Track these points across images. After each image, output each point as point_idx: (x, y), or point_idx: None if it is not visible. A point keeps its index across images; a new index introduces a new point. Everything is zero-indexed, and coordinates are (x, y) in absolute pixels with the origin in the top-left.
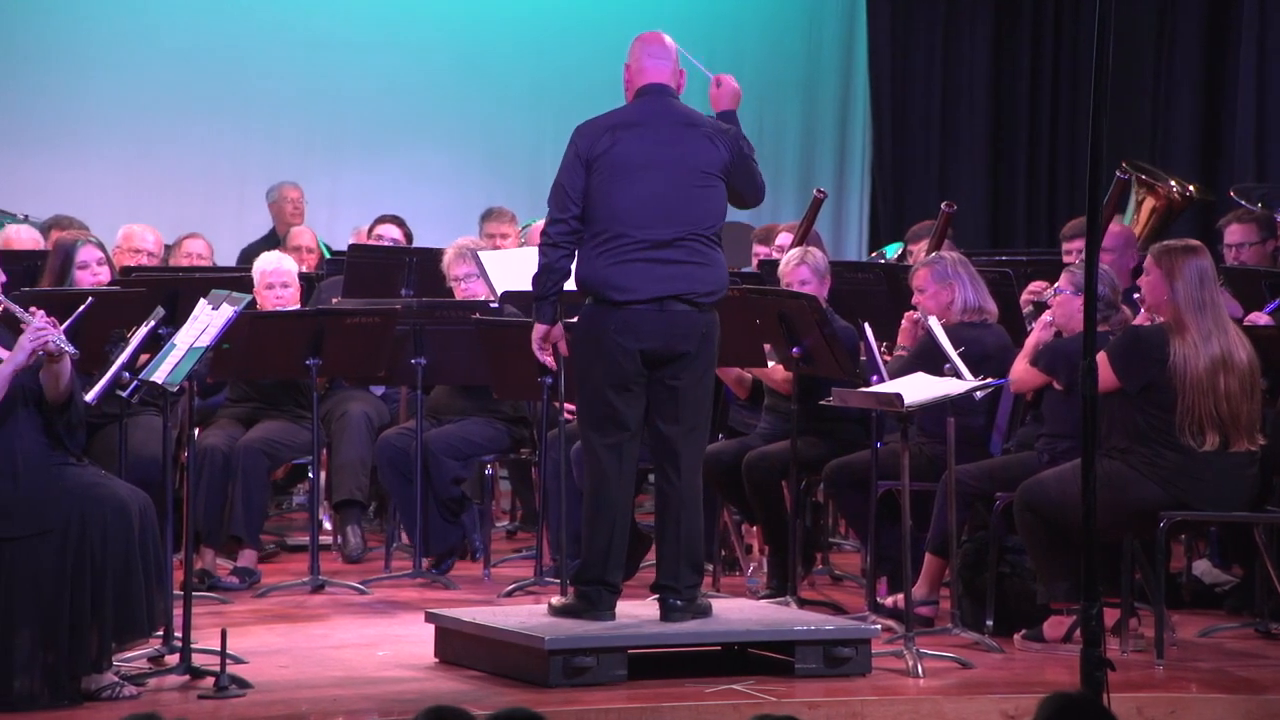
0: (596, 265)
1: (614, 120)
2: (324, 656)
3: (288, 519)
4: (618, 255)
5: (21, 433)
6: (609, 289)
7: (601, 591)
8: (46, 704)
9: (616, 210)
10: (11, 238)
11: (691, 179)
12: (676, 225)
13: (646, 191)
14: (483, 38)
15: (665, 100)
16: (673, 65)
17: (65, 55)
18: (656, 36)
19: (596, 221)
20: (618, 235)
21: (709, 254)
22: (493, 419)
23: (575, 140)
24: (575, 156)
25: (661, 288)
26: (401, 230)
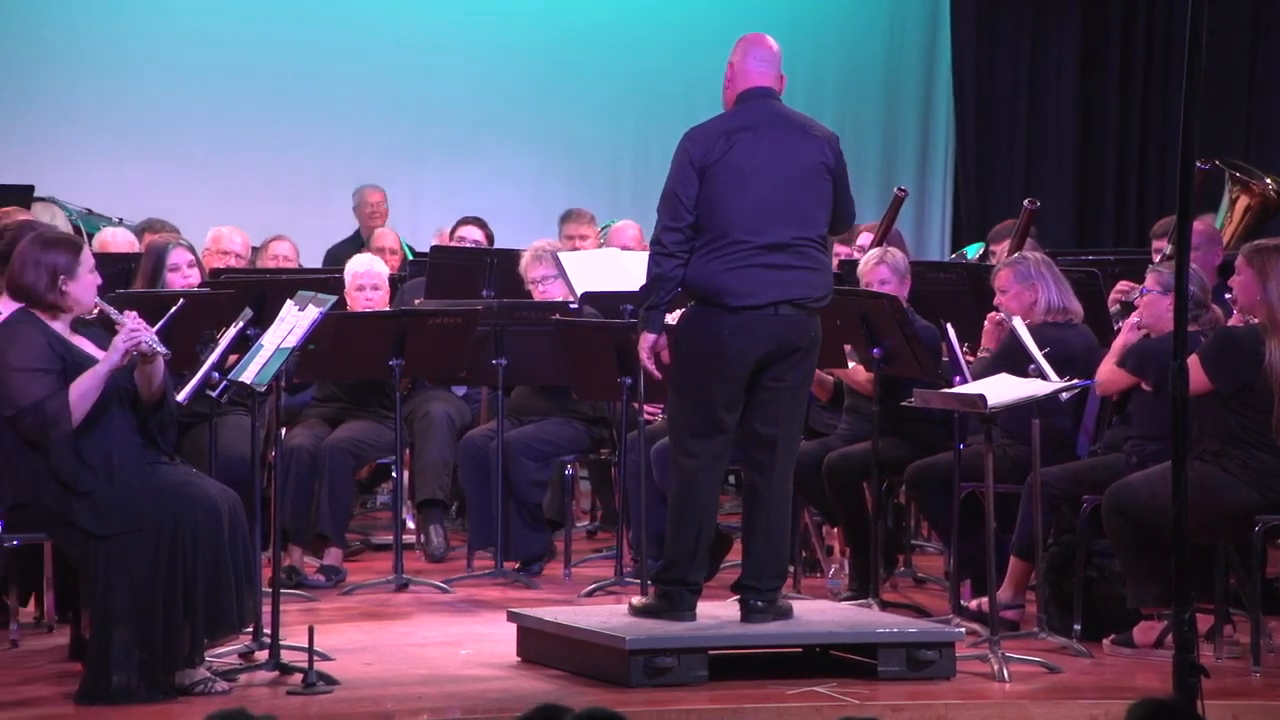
0: (709, 270)
1: (726, 125)
2: (408, 654)
3: (372, 518)
4: (732, 260)
5: (116, 432)
6: (724, 294)
7: (683, 591)
8: (143, 698)
9: (731, 215)
10: (107, 240)
11: (803, 183)
12: (790, 229)
13: (761, 196)
14: (564, 40)
15: (773, 104)
16: (776, 68)
17: (159, 63)
18: (760, 38)
19: (710, 227)
20: (733, 240)
21: (819, 258)
22: (572, 419)
23: (687, 147)
24: (688, 163)
25: (775, 293)
26: (483, 231)
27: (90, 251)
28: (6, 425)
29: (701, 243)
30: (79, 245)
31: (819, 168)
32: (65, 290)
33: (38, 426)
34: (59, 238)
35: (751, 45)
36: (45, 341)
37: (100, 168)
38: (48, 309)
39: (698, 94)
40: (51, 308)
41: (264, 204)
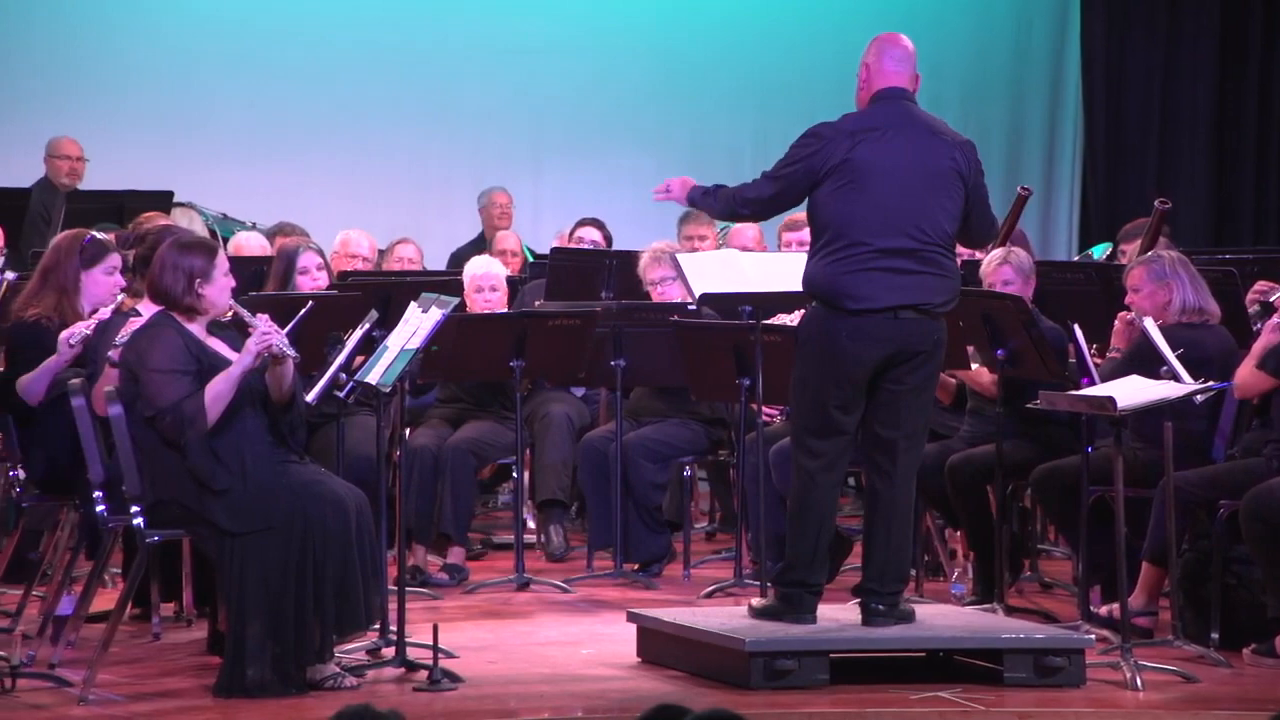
0: (830, 272)
1: (854, 125)
2: (530, 653)
3: (493, 517)
4: (853, 263)
5: (249, 432)
6: (843, 297)
7: (803, 594)
8: (276, 691)
9: (853, 217)
10: (241, 244)
11: (932, 187)
12: (915, 234)
13: (885, 199)
14: (684, 40)
15: (906, 105)
16: (912, 68)
17: (291, 71)
18: (895, 38)
19: (829, 228)
20: (854, 243)
21: (945, 263)
22: (691, 420)
23: (808, 141)
24: (803, 157)
25: (897, 297)
26: (602, 233)
27: (224, 255)
28: (146, 425)
29: (821, 244)
30: (214, 249)
31: (949, 173)
32: (201, 293)
33: (175, 427)
34: (195, 242)
35: (887, 45)
36: (183, 344)
37: (235, 173)
38: (185, 311)
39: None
40: (188, 310)
41: (390, 207)
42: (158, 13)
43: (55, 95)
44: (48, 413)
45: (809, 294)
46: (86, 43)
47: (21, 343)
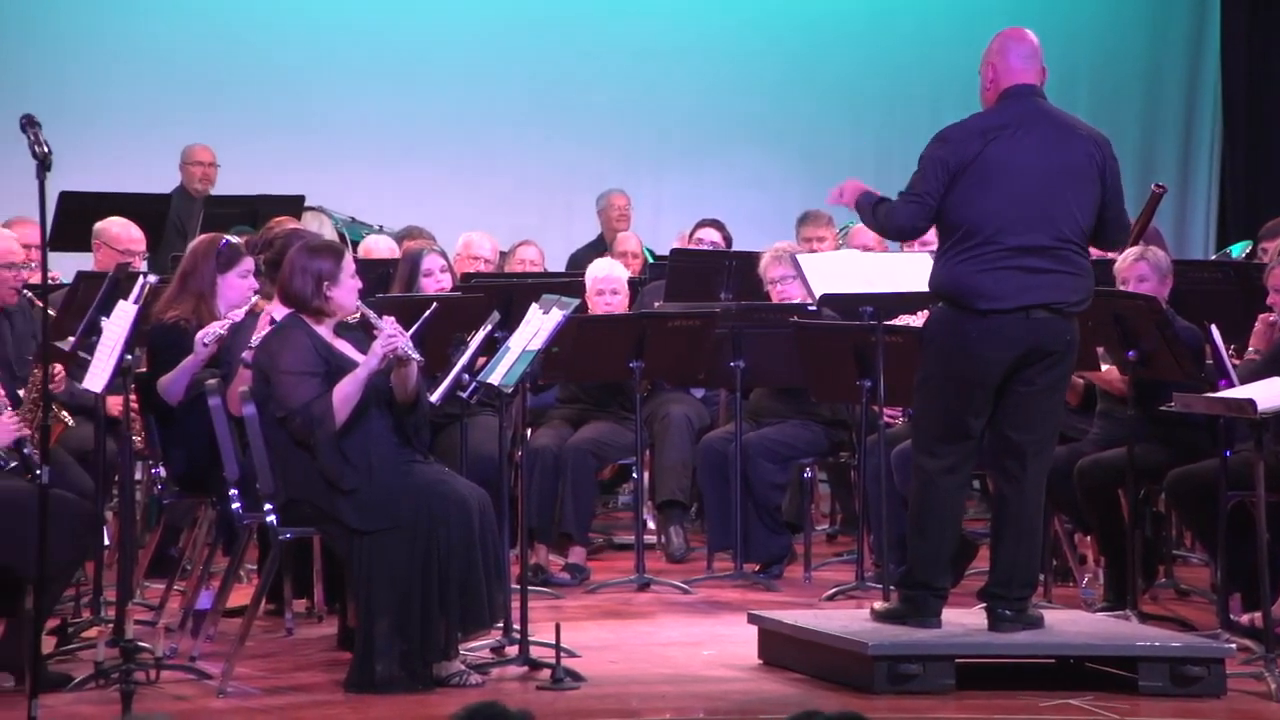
0: (960, 271)
1: (984, 123)
2: (651, 653)
3: (614, 517)
4: (985, 262)
5: (375, 433)
6: (974, 296)
7: (928, 597)
8: (404, 687)
9: (985, 216)
10: (370, 247)
11: (1066, 184)
12: (1048, 232)
13: (1016, 196)
14: (804, 42)
15: (1036, 102)
16: (1038, 63)
17: (417, 76)
18: (1020, 33)
19: (961, 226)
20: (985, 241)
21: (1080, 262)
22: (811, 421)
23: (939, 145)
24: (938, 162)
25: (1030, 296)
26: (721, 234)
27: (351, 257)
28: (278, 425)
29: (951, 243)
30: (341, 252)
31: (1084, 169)
32: (329, 295)
33: (305, 427)
34: (323, 245)
35: (1012, 41)
36: (311, 345)
37: (363, 177)
38: (313, 314)
39: (942, 92)
40: (317, 312)
41: (512, 210)
42: (289, 22)
43: (193, 104)
44: (186, 412)
45: (936, 294)
46: (222, 52)
47: (162, 344)
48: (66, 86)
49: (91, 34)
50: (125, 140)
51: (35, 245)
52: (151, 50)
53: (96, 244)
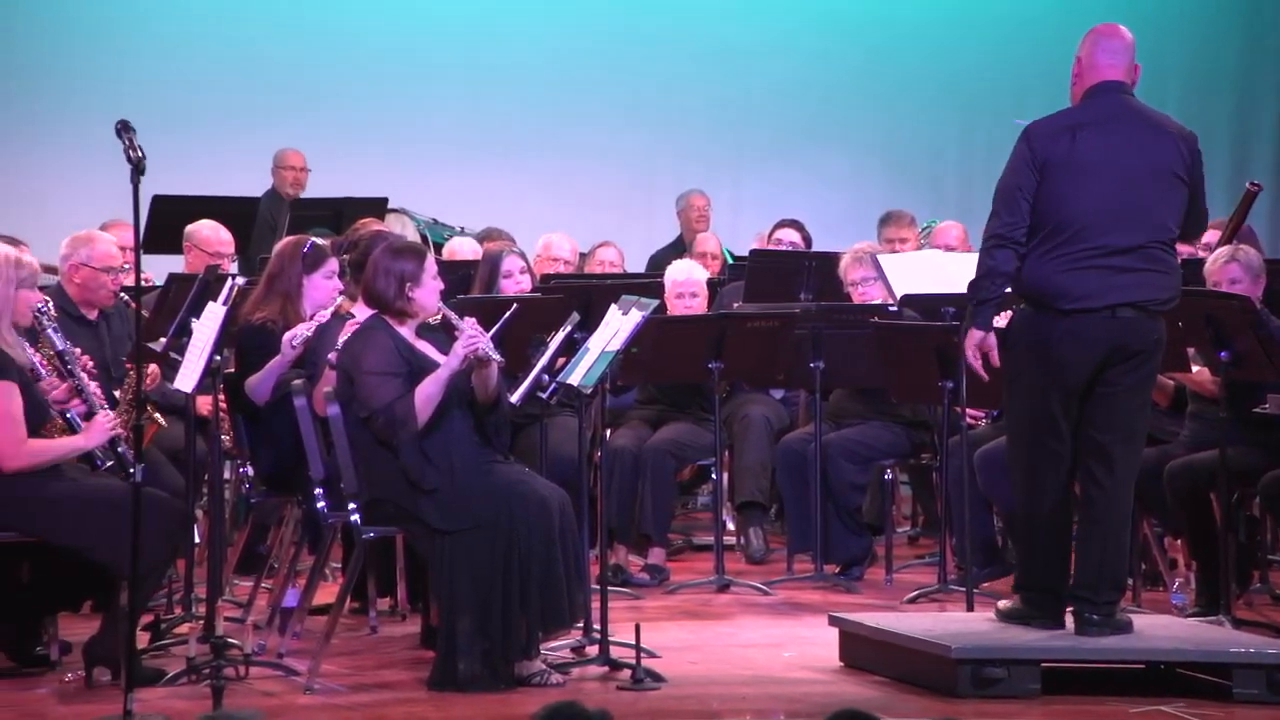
0: (1045, 271)
1: (1070, 120)
2: (731, 654)
3: (693, 518)
4: (1070, 261)
5: (456, 433)
6: (1057, 296)
7: (1048, 599)
8: (486, 686)
9: (1071, 215)
10: (454, 248)
11: (1154, 182)
12: (1137, 231)
13: (1105, 195)
14: (888, 40)
15: (1123, 99)
16: (1129, 60)
17: (498, 79)
18: (1112, 29)
19: (1046, 226)
20: (1071, 240)
21: (1167, 260)
22: (892, 423)
23: (1027, 142)
24: (1027, 159)
25: (1115, 295)
26: (800, 234)
27: (433, 259)
28: (362, 425)
29: (1036, 242)
30: (423, 253)
31: (1171, 167)
32: (411, 296)
33: (388, 427)
34: (406, 247)
35: (1101, 37)
36: (394, 346)
37: (446, 179)
38: (396, 315)
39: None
40: (399, 313)
41: (592, 211)
42: (376, 28)
43: (280, 109)
44: (273, 412)
45: (1019, 294)
46: (309, 58)
47: (249, 345)
48: (159, 92)
49: (184, 41)
50: (215, 144)
51: (130, 248)
52: (241, 56)
53: (187, 246)
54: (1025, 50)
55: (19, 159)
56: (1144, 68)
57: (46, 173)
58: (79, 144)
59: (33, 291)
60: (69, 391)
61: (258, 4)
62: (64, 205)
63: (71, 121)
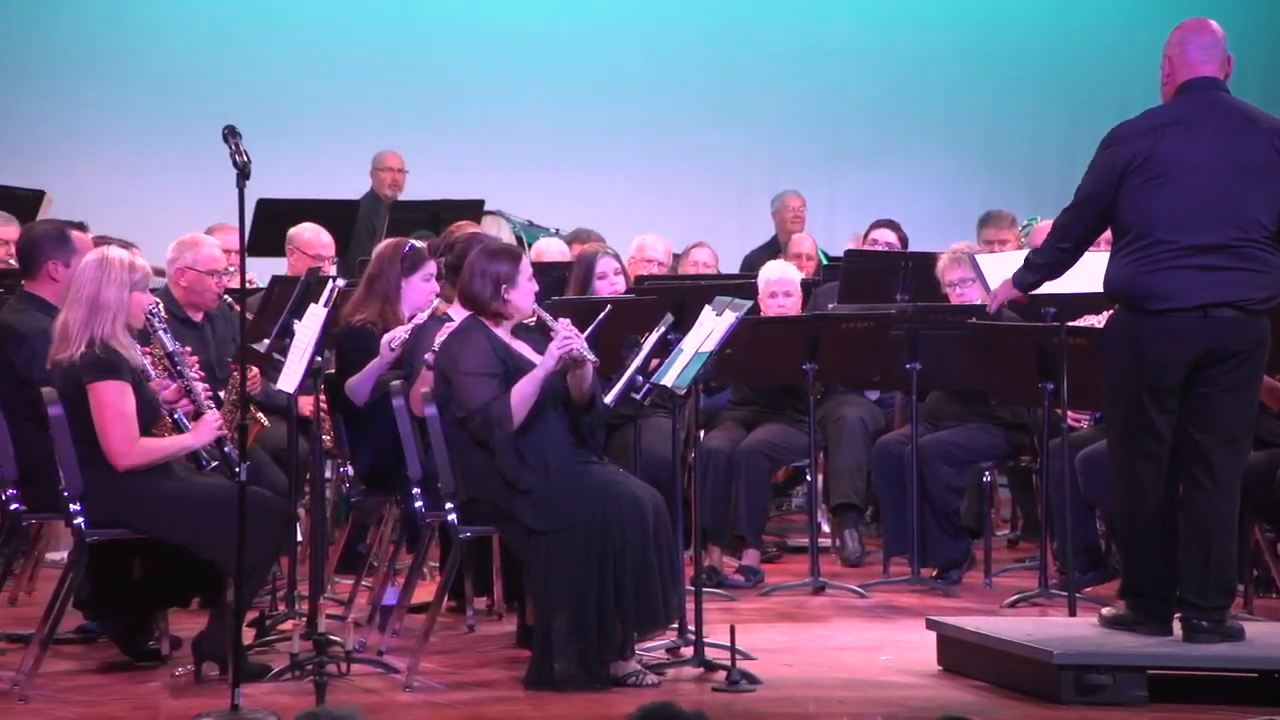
0: (1130, 272)
1: (1154, 120)
2: (827, 657)
3: (787, 520)
4: (1156, 262)
5: (551, 433)
6: (1144, 297)
7: (1155, 604)
8: (582, 686)
9: (1156, 214)
10: (542, 250)
11: (1246, 179)
12: (1226, 228)
13: (1192, 194)
14: (987, 38)
15: (1215, 95)
16: (1221, 54)
17: (592, 80)
18: (1202, 24)
19: (1132, 227)
20: (1156, 240)
21: (1266, 258)
22: (990, 425)
23: (1109, 145)
24: (1107, 164)
25: (1206, 295)
26: (897, 235)
27: (529, 260)
28: (458, 426)
29: (1124, 243)
30: (519, 255)
31: (1266, 163)
32: (507, 298)
33: (484, 427)
34: (502, 248)
35: (1190, 33)
36: (490, 347)
37: (540, 181)
38: (492, 316)
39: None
40: (495, 315)
41: (686, 212)
42: (472, 31)
43: (381, 113)
44: (372, 413)
45: (1109, 296)
46: (407, 62)
47: (349, 346)
48: (263, 98)
49: (287, 48)
50: (317, 148)
51: (235, 251)
52: (342, 62)
53: (289, 249)
54: (1131, 46)
55: (130, 165)
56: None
57: (156, 177)
58: (187, 149)
59: (144, 294)
60: (178, 392)
61: (359, 12)
62: (173, 209)
63: (179, 128)
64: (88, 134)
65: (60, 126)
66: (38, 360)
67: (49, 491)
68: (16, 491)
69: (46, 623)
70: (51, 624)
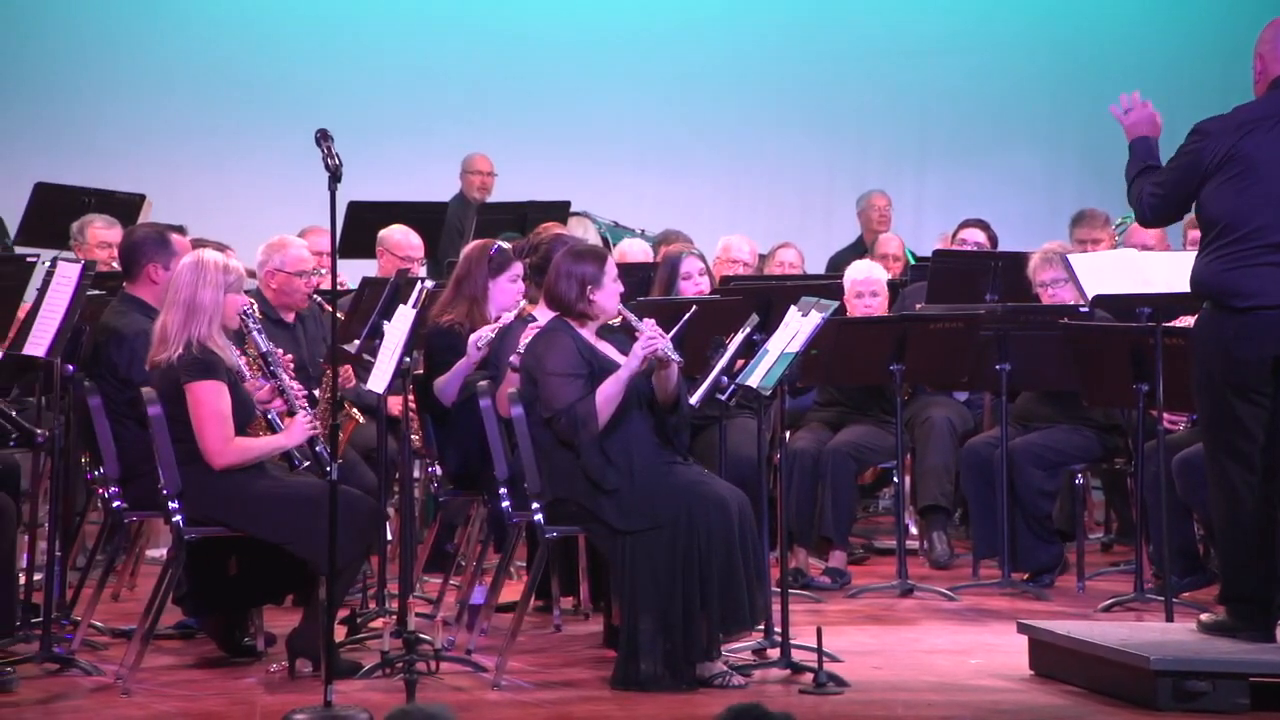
0: (1216, 269)
1: (1241, 117)
2: (916, 660)
3: (874, 522)
4: (1240, 259)
5: (636, 433)
6: (1232, 295)
7: (1255, 610)
8: (668, 686)
9: (1240, 211)
10: (627, 251)
11: None
12: None
13: (1276, 191)
14: (1078, 33)
15: None
16: None
17: (677, 80)
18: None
19: (1217, 223)
20: (1241, 237)
21: None
22: (1082, 427)
23: (1194, 141)
24: (1191, 160)
25: None
26: (986, 234)
27: (613, 261)
28: (544, 426)
29: (1209, 241)
30: (604, 256)
31: None
32: (592, 299)
33: (570, 428)
34: (587, 250)
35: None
36: (576, 348)
37: (626, 182)
38: (577, 317)
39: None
40: (580, 316)
41: (772, 212)
42: (557, 34)
43: (468, 115)
44: (460, 413)
45: (1196, 294)
46: (494, 65)
47: (437, 346)
48: (353, 101)
49: (376, 52)
50: (406, 150)
51: (326, 253)
52: (430, 66)
53: (379, 251)
54: (1233, 40)
55: (227, 169)
56: None
57: (252, 180)
58: (280, 153)
59: (239, 295)
60: (272, 392)
61: (446, 15)
62: (267, 212)
63: (274, 133)
64: (186, 140)
65: (160, 133)
66: (138, 361)
67: (149, 490)
68: (118, 490)
69: (147, 618)
70: (152, 620)
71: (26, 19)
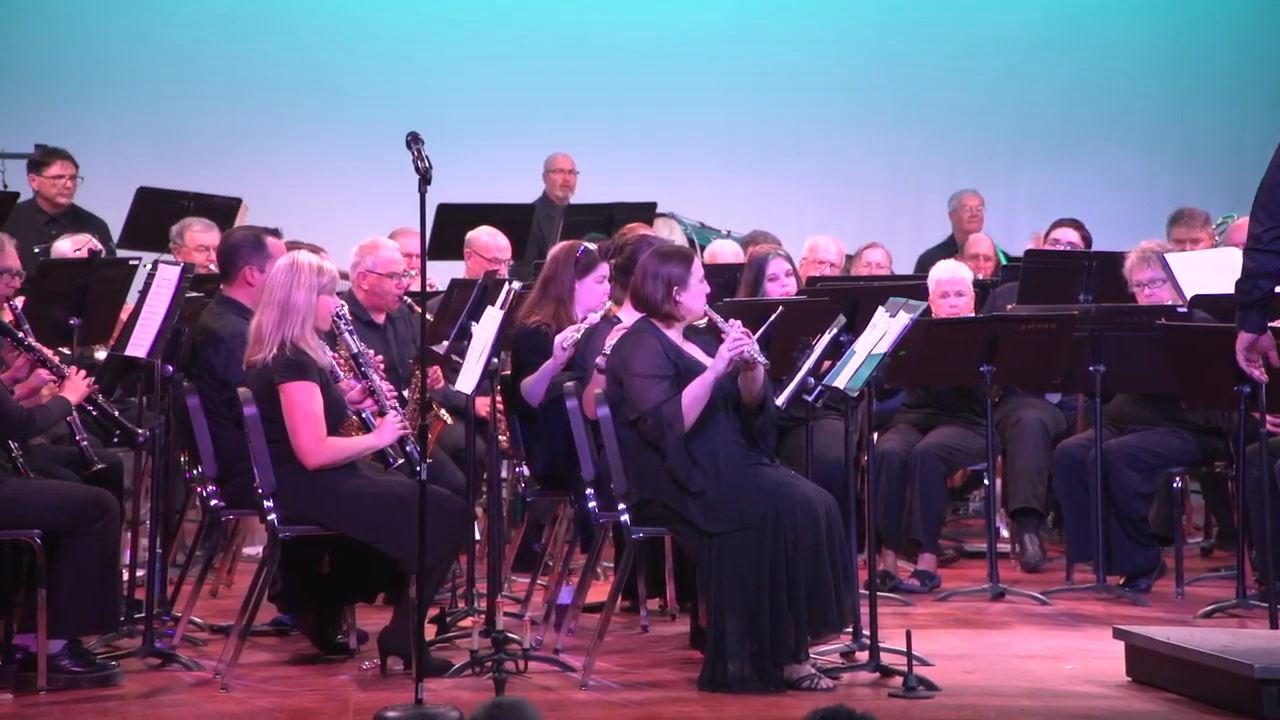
0: None
1: None
2: (1008, 665)
3: (964, 524)
4: None
5: (722, 435)
6: None
7: None
8: (755, 688)
9: None
10: (714, 252)
11: None
12: None
13: None
14: (1176, 29)
15: None
16: None
17: (764, 81)
18: None
19: None
20: None
21: None
22: (1180, 429)
23: None
24: None
25: None
26: (1080, 234)
27: (700, 262)
28: (630, 427)
29: None
30: (690, 257)
31: None
32: (678, 300)
33: (655, 429)
34: (673, 250)
35: None
36: (662, 349)
37: (712, 183)
38: (663, 318)
39: None
40: (667, 317)
41: (860, 212)
42: (643, 35)
43: (555, 117)
44: (547, 413)
45: None
46: (580, 66)
47: (524, 347)
48: (441, 104)
49: (464, 56)
50: (493, 153)
51: (416, 254)
52: (516, 69)
53: (467, 252)
54: None
55: (320, 172)
56: None
57: (344, 183)
58: (372, 157)
59: (331, 297)
60: (363, 392)
61: (533, 19)
62: (359, 214)
63: (365, 137)
64: (281, 144)
65: (256, 138)
66: (235, 362)
67: (245, 489)
68: (216, 489)
69: (244, 615)
70: (249, 616)
71: (136, 33)
